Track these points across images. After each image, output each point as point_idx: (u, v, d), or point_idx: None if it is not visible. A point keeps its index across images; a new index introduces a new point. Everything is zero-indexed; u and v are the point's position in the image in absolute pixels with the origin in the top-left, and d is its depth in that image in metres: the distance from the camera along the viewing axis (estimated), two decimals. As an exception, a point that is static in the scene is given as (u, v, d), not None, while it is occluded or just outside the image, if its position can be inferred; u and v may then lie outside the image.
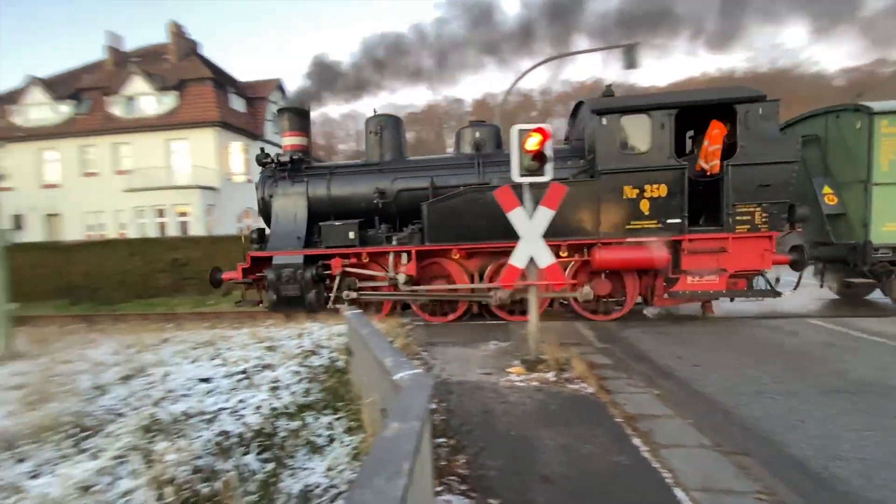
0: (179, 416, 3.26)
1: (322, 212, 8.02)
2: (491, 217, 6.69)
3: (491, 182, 7.29)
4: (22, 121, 23.60)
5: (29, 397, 4.00)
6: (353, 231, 7.58)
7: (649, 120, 6.73)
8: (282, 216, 8.17)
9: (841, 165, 7.25)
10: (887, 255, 6.78)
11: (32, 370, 4.78)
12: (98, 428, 3.34)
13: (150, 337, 5.82)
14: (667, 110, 6.68)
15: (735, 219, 6.51)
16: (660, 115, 6.68)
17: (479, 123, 8.41)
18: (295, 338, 5.06)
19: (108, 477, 2.75)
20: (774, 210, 6.44)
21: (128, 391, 3.90)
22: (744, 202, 6.48)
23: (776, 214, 6.45)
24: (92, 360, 5.01)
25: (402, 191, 7.83)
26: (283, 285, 7.53)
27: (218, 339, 5.36)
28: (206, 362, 4.60)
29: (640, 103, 6.94)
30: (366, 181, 7.99)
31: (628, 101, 7.08)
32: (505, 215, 4.59)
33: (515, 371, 4.65)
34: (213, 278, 8.12)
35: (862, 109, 6.92)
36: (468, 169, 7.73)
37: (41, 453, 3.12)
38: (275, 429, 3.08)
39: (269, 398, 3.49)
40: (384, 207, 7.84)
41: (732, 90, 6.79)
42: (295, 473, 2.64)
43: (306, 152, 8.56)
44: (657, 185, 6.68)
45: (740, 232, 6.51)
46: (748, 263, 6.60)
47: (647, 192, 6.72)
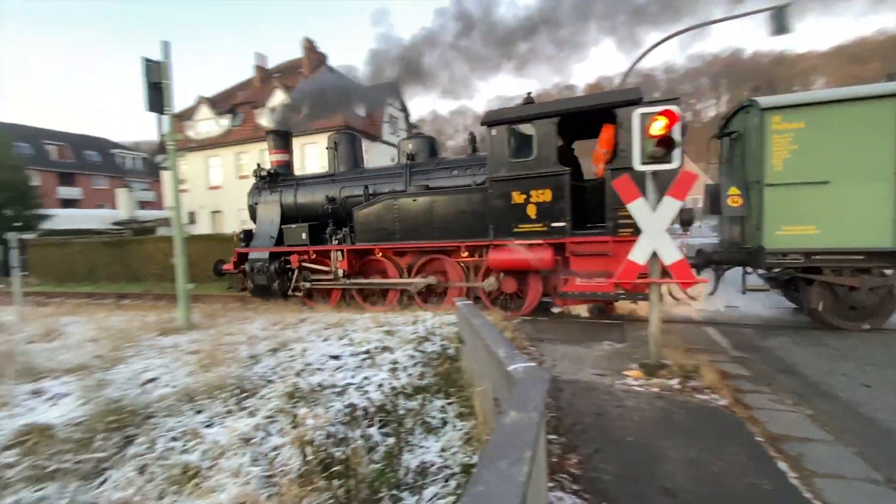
0: (316, 386, 3.70)
1: (291, 216, 9.52)
2: (403, 220, 7.99)
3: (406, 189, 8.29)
4: (194, 133, 28.73)
5: (203, 361, 4.90)
6: (304, 233, 9.01)
7: (534, 129, 6.98)
8: (262, 219, 9.90)
9: (748, 165, 6.47)
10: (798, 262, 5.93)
11: (205, 339, 5.84)
12: (254, 391, 3.96)
13: (291, 317, 6.70)
14: (549, 119, 6.87)
15: (617, 222, 6.44)
16: (543, 123, 6.91)
17: (416, 136, 9.36)
18: (410, 324, 5.39)
19: (262, 433, 3.26)
20: None
21: (275, 362, 4.55)
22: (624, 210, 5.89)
23: None
24: (248, 334, 5.93)
25: (347, 198, 8.98)
26: (256, 275, 9.35)
27: (345, 321, 5.96)
28: (335, 341, 5.15)
29: (524, 113, 7.15)
30: (321, 190, 9.31)
31: (514, 112, 7.29)
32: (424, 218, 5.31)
33: (633, 374, 4.35)
34: (216, 269, 10.30)
35: (754, 104, 6.14)
36: (398, 178, 8.53)
37: (213, 407, 3.81)
38: (394, 406, 3.33)
39: (389, 378, 3.78)
40: (334, 212, 9.06)
41: (612, 94, 6.98)
42: (412, 450, 2.84)
43: (288, 166, 10.39)
44: (542, 190, 6.93)
45: (623, 235, 6.38)
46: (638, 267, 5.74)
47: (533, 197, 7.00)
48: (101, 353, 5.57)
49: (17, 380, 4.82)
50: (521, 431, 1.28)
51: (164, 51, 7.21)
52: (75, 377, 4.79)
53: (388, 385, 3.65)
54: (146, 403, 3.83)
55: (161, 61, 7.18)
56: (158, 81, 7.16)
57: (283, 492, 2.35)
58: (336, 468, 2.52)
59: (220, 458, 2.92)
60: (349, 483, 2.39)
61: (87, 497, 2.79)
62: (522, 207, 7.12)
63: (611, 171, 6.44)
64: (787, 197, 5.90)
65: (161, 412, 3.69)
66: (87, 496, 2.80)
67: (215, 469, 2.78)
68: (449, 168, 8.21)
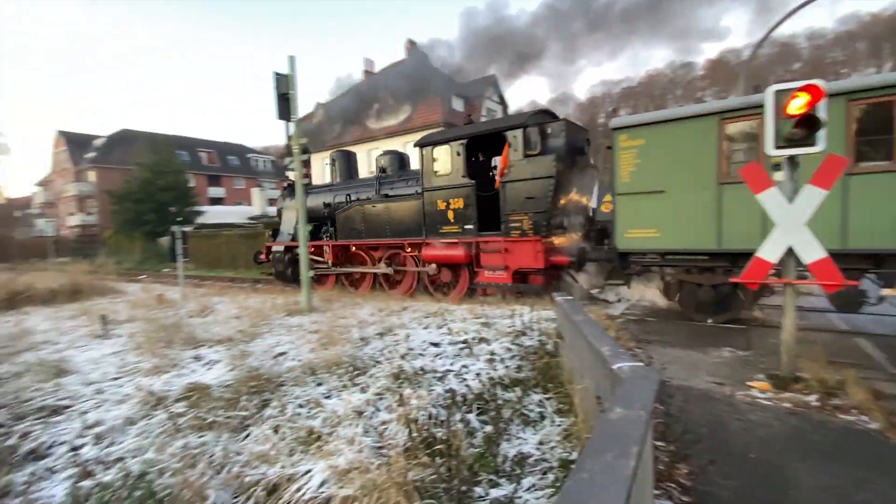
0: (418, 370, 3.95)
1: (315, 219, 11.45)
2: (367, 222, 10.11)
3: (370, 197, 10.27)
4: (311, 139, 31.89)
5: (322, 340, 5.49)
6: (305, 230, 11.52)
7: (449, 149, 8.49)
8: (284, 220, 12.48)
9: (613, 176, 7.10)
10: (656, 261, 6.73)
11: (323, 321, 6.53)
12: (364, 369, 4.35)
13: (395, 305, 7.18)
14: (459, 141, 8.37)
15: (509, 225, 7.76)
16: (455, 144, 8.39)
17: (388, 153, 11.16)
18: (507, 318, 5.43)
19: (372, 408, 3.58)
20: (537, 218, 7.47)
21: (382, 345, 4.94)
22: (515, 212, 7.71)
23: (539, 222, 7.46)
24: (358, 318, 6.50)
25: (338, 203, 11.00)
26: (277, 264, 12.25)
27: (444, 311, 6.21)
28: (434, 330, 5.41)
29: (441, 137, 8.79)
30: (321, 197, 11.52)
31: (435, 137, 8.95)
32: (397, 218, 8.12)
33: (759, 386, 3.88)
34: (255, 258, 13.67)
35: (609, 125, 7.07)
36: (371, 188, 10.37)
37: (331, 381, 4.28)
38: (492, 396, 3.41)
39: (486, 368, 3.88)
40: (329, 215, 11.15)
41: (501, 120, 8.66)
42: (510, 439, 2.90)
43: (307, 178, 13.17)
44: (456, 198, 8.43)
45: (514, 236, 7.68)
46: (526, 262, 7.65)
47: (451, 204, 8.52)
48: (243, 328, 6.55)
49: (182, 346, 5.90)
50: (627, 427, 1.26)
51: (290, 65, 8.12)
52: (224, 347, 5.71)
53: (485, 375, 3.74)
54: (278, 373, 4.44)
55: (288, 74, 8.12)
56: (286, 92, 8.11)
57: (391, 462, 2.57)
58: (438, 447, 2.68)
59: (338, 426, 3.28)
60: (450, 462, 2.53)
61: (236, 447, 3.34)
62: (444, 213, 8.73)
63: (504, 183, 7.86)
64: (633, 204, 6.70)
65: (290, 382, 4.24)
66: (235, 446, 3.35)
67: (334, 435, 3.14)
68: (406, 179, 9.80)
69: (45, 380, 5.18)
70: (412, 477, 2.47)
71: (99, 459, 3.36)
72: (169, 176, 29.42)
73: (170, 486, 2.87)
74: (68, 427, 3.98)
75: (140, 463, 3.15)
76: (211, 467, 3.07)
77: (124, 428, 3.80)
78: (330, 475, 2.69)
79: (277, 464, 2.98)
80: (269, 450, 3.16)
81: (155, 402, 3.97)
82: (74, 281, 12.65)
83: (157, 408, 3.92)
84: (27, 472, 3.38)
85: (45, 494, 3.05)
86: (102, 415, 4.07)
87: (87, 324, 8.07)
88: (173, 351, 5.64)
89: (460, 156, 8.38)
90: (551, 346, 4.15)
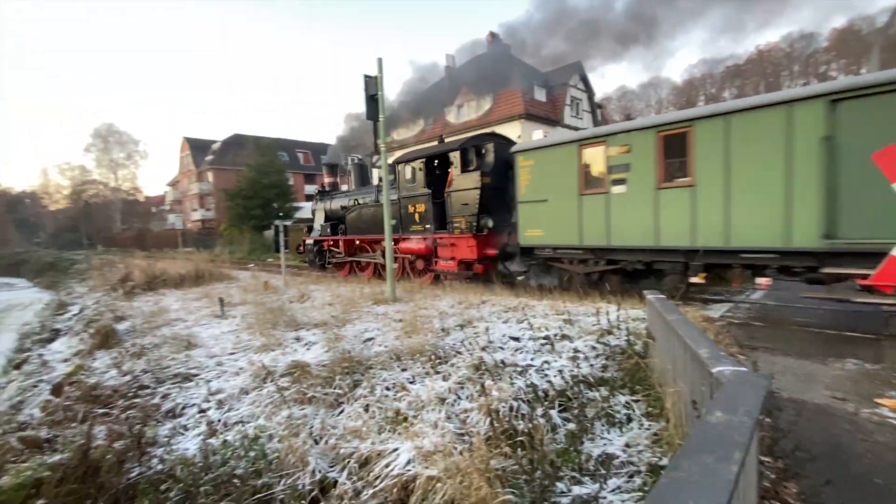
0: (499, 363, 3.99)
1: (329, 217, 14.51)
2: (365, 221, 12.54)
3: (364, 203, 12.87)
4: (396, 136, 33.08)
5: (406, 328, 5.77)
6: (328, 228, 14.35)
7: (413, 166, 10.66)
8: (316, 220, 15.50)
9: None
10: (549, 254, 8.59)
11: (406, 310, 6.84)
12: (446, 359, 4.50)
13: (474, 298, 7.28)
14: (419, 160, 10.56)
15: (453, 225, 9.82)
16: (417, 162, 10.58)
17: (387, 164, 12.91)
18: (591, 315, 5.25)
19: (454, 396, 3.70)
20: (470, 220, 9.36)
21: (462, 336, 5.05)
22: (455, 215, 9.73)
23: (471, 223, 9.35)
24: (438, 309, 6.70)
25: (352, 206, 13.21)
26: (308, 254, 15.81)
27: (524, 306, 6.17)
28: (514, 324, 5.40)
29: (408, 157, 11.08)
30: (339, 201, 14.01)
31: (405, 157, 11.26)
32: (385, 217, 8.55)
33: (890, 404, 3.36)
34: (297, 249, 17.05)
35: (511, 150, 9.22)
36: (371, 194, 12.54)
37: (414, 367, 4.49)
38: (575, 394, 3.35)
39: (569, 365, 3.81)
40: (345, 215, 13.50)
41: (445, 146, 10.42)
42: (594, 439, 2.83)
43: (334, 185, 15.78)
44: (420, 204, 10.57)
45: (456, 234, 9.73)
46: (465, 254, 9.66)
47: (417, 209, 10.65)
48: (335, 314, 7.09)
49: (285, 328, 6.56)
50: (729, 432, 1.19)
51: (378, 66, 8.54)
52: (320, 331, 6.25)
53: (568, 372, 3.67)
54: (367, 357, 4.76)
55: (375, 76, 8.54)
56: (374, 94, 8.55)
57: (474, 449, 2.66)
58: (520, 439, 2.71)
59: (422, 410, 3.45)
60: (532, 455, 2.55)
61: (332, 421, 3.66)
62: (413, 215, 10.90)
63: (449, 193, 9.87)
64: (528, 210, 8.67)
65: (377, 365, 4.53)
66: (331, 420, 3.68)
67: (418, 418, 3.31)
68: (395, 188, 11.34)
69: (177, 351, 6.09)
70: (494, 465, 2.54)
71: (222, 421, 3.90)
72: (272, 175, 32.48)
73: (277, 450, 3.24)
74: (197, 392, 4.66)
75: (253, 427, 3.60)
76: (311, 437, 3.41)
77: (240, 396, 4.35)
78: (415, 455, 2.86)
79: (368, 440, 3.22)
80: (360, 426, 3.43)
81: (265, 375, 4.48)
82: (198, 268, 14.58)
83: (266, 381, 4.43)
84: (168, 427, 4.03)
85: (182, 447, 3.62)
86: (223, 384, 4.70)
87: (208, 305, 9.29)
88: (278, 332, 6.30)
89: (421, 171, 10.55)
90: (640, 347, 3.95)
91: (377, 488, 2.74)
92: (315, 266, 15.45)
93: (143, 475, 2.87)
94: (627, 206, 7.25)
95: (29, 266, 32.79)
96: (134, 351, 6.33)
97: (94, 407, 4.44)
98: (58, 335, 9.90)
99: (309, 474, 2.97)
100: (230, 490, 2.71)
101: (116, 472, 2.91)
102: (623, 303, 5.43)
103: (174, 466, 3.00)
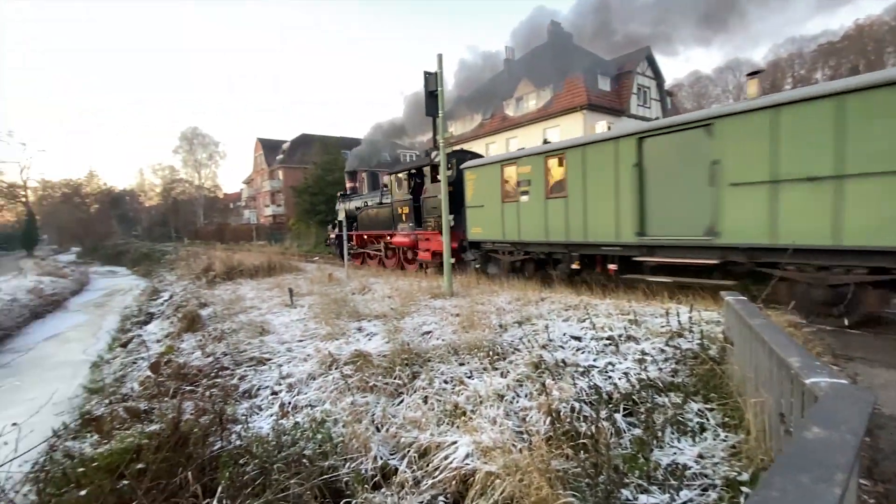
0: (559, 362, 3.89)
1: (348, 216, 16.91)
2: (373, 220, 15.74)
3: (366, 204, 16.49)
4: (454, 130, 33.20)
5: (463, 323, 5.80)
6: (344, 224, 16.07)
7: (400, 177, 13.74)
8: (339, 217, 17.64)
9: None
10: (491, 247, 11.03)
11: (463, 305, 6.87)
12: (503, 355, 4.47)
13: (532, 295, 7.15)
14: (404, 172, 13.56)
15: (426, 224, 12.43)
16: (402, 174, 13.60)
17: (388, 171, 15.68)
18: (659, 316, 4.96)
19: (512, 393, 3.67)
20: (437, 220, 11.22)
21: (521, 333, 4.99)
22: (427, 216, 12.41)
23: (438, 222, 11.11)
24: (495, 305, 6.67)
25: (363, 206, 16.32)
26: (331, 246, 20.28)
27: (585, 305, 5.97)
28: (575, 323, 5.24)
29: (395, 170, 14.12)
30: (355, 202, 17.03)
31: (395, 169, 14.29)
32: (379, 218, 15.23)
33: None
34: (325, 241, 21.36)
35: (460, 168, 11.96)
36: (377, 197, 15.42)
37: (472, 362, 4.50)
38: (641, 398, 3.19)
39: (635, 368, 3.63)
40: (357, 214, 16.64)
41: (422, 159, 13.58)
42: (663, 447, 2.68)
43: (354, 189, 18.37)
44: (405, 207, 13.43)
45: (429, 231, 12.23)
46: (437, 247, 11.67)
47: (403, 210, 13.58)
48: (394, 306, 7.29)
49: (348, 318, 6.85)
50: (829, 451, 1.07)
51: (438, 63, 8.60)
52: (380, 322, 6.45)
53: (634, 375, 3.50)
54: (425, 350, 4.84)
55: (435, 72, 8.61)
56: (434, 90, 8.62)
57: (534, 448, 2.62)
58: (582, 441, 2.63)
59: (480, 405, 3.45)
60: (596, 458, 2.46)
61: (392, 410, 3.77)
62: (402, 215, 13.62)
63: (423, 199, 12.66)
64: (473, 213, 11.34)
65: (435, 358, 4.60)
66: (392, 409, 3.79)
67: (477, 413, 3.31)
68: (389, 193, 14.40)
69: (252, 336, 6.56)
70: (555, 466, 2.48)
71: (291, 404, 4.15)
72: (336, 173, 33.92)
73: (342, 434, 3.40)
74: (269, 376, 5.00)
75: (320, 412, 3.80)
76: (373, 424, 3.54)
77: (308, 381, 4.61)
78: (474, 449, 2.87)
79: (427, 431, 3.28)
80: (419, 417, 3.50)
81: (330, 362, 4.71)
82: (270, 260, 15.63)
83: (331, 368, 4.65)
84: (245, 406, 4.36)
85: (257, 426, 3.90)
86: (292, 369, 5.00)
87: (279, 294, 9.92)
88: (342, 321, 6.59)
89: (406, 181, 13.36)
90: (715, 352, 3.67)
91: (436, 479, 2.79)
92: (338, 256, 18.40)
93: (224, 449, 3.12)
94: (530, 211, 9.74)
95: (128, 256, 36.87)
96: (215, 335, 6.92)
97: (182, 384, 4.91)
98: (152, 318, 11.06)
99: (371, 460, 3.08)
100: (300, 469, 2.88)
101: (202, 445, 3.19)
102: (696, 303, 5.07)
103: (251, 443, 3.24)
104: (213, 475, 2.93)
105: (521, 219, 9.91)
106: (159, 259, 28.57)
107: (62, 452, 3.59)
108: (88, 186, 64.94)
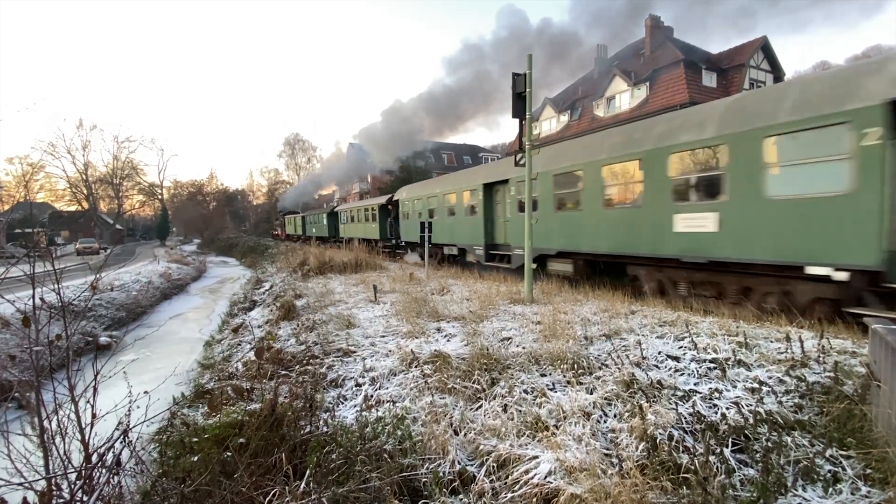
0: (654, 383, 3.56)
1: None
2: None
3: None
4: (539, 132, 32.46)
5: (545, 332, 5.57)
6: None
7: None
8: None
9: None
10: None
11: (545, 313, 6.61)
12: (589, 369, 4.20)
13: (620, 307, 6.68)
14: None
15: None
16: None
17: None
18: (774, 340, 4.33)
19: (599, 411, 3.42)
20: None
21: (609, 347, 4.66)
22: None
23: None
24: (580, 315, 6.33)
25: None
26: None
27: (684, 321, 5.41)
28: (671, 341, 4.77)
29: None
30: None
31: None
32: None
33: None
34: None
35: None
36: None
37: (554, 374, 4.29)
38: (755, 434, 2.78)
39: (747, 398, 3.19)
40: None
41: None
42: (785, 494, 2.30)
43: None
44: None
45: None
46: None
47: None
48: (473, 309, 7.25)
49: (428, 318, 6.95)
50: None
51: (528, 63, 8.42)
52: (459, 324, 6.45)
53: (746, 406, 3.08)
54: (505, 356, 4.72)
55: (524, 73, 8.43)
56: (522, 91, 8.45)
57: (626, 475, 2.40)
58: (684, 476, 2.35)
59: (564, 420, 3.26)
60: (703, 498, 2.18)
61: (470, 414, 3.72)
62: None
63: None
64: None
65: (515, 366, 4.46)
66: (470, 413, 3.74)
67: (560, 429, 3.14)
68: None
69: (340, 329, 6.93)
70: (651, 498, 2.25)
71: (374, 397, 4.29)
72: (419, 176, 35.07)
73: (421, 433, 3.42)
74: (354, 368, 5.22)
75: (401, 408, 3.87)
76: (451, 427, 3.51)
77: (389, 376, 4.74)
78: (557, 467, 2.71)
79: (507, 441, 3.17)
80: (499, 425, 3.40)
81: (411, 360, 4.80)
82: (357, 257, 16.50)
83: (411, 365, 4.73)
84: (332, 395, 4.59)
85: (342, 415, 4.08)
86: (375, 363, 5.18)
87: (364, 291, 10.42)
88: (422, 320, 6.70)
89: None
90: (852, 389, 3.09)
91: (516, 493, 2.67)
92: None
93: (313, 434, 3.30)
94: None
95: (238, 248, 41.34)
96: (307, 325, 7.43)
97: (279, 368, 5.32)
98: (255, 305, 12.24)
99: (449, 463, 3.05)
100: (380, 464, 2.94)
101: (294, 427, 3.41)
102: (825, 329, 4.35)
103: (336, 431, 3.39)
104: (301, 458, 3.10)
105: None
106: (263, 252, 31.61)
107: (180, 419, 4.06)
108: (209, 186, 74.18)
